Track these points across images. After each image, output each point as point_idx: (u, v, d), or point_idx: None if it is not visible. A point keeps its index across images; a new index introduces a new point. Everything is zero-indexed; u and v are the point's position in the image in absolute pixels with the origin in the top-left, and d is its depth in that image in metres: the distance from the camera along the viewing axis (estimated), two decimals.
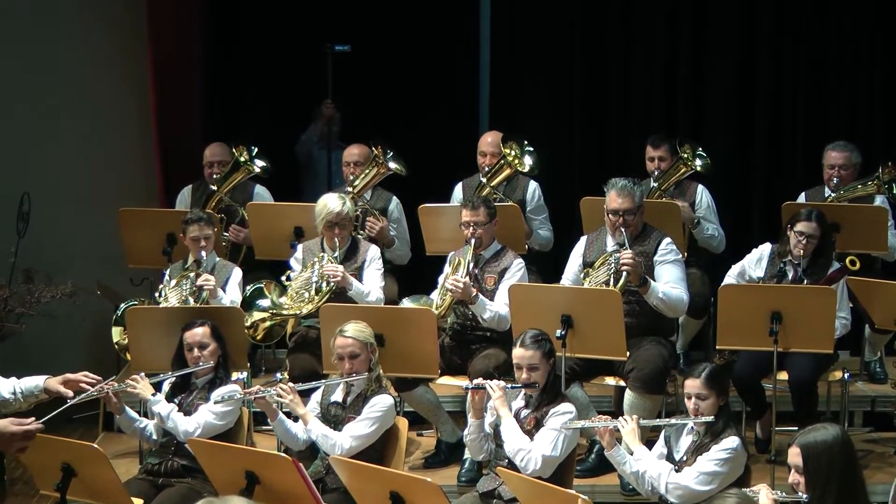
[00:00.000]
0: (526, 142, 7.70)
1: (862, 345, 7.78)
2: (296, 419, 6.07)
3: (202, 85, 8.91)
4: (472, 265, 6.87)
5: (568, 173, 8.95)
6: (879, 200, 7.58)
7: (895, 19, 8.73)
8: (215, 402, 6.03)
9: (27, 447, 4.63)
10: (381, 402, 5.97)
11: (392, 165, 7.67)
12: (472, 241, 6.85)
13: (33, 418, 4.66)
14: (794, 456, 4.51)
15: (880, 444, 7.18)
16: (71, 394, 5.10)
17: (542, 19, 9.00)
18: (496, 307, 6.75)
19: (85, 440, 5.99)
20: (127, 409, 6.20)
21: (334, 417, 6.02)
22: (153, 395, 6.08)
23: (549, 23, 8.99)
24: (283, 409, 6.10)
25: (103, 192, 8.61)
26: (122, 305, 7.14)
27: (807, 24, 8.79)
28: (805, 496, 4.46)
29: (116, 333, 7.15)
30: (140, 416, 6.30)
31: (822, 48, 8.82)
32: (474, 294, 6.72)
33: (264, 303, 6.98)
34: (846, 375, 6.84)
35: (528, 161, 7.64)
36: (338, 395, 6.09)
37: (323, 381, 6.21)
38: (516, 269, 6.87)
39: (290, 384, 6.04)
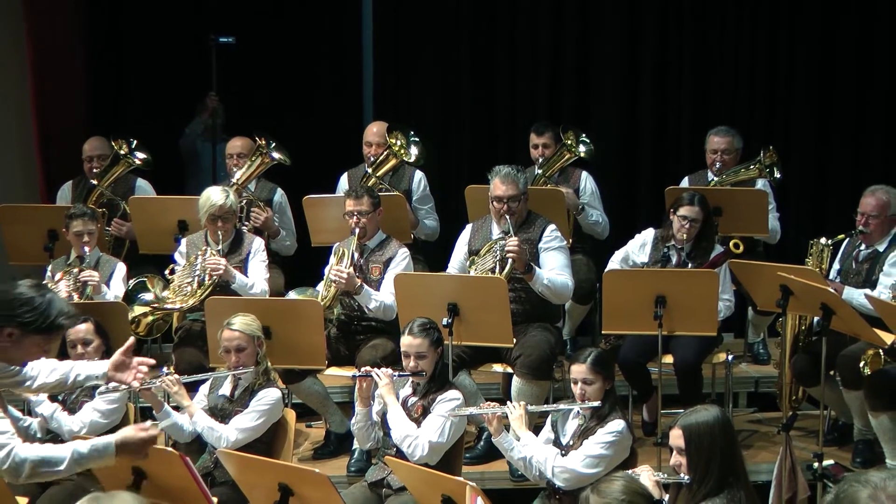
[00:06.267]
0: (412, 132, 7.69)
1: (745, 327, 7.93)
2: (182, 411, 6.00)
3: (83, 78, 8.75)
4: (356, 255, 6.85)
5: (453, 162, 8.98)
6: (761, 184, 7.70)
7: (776, 8, 8.89)
8: (100, 394, 5.94)
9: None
10: (269, 396, 5.93)
11: (275, 156, 7.62)
12: (356, 230, 6.83)
13: (150, 421, 4.71)
14: (676, 438, 4.55)
15: (764, 423, 7.30)
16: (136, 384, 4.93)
17: (427, 8, 9.00)
18: (381, 297, 6.74)
19: None
20: (10, 408, 6.04)
21: (221, 411, 5.97)
22: (36, 394, 5.95)
23: (434, 11, 9.00)
24: (170, 402, 6.03)
25: None
26: None
27: (690, 11, 8.89)
28: (686, 477, 4.51)
29: None
30: (24, 414, 6.16)
31: (706, 35, 8.94)
32: (359, 284, 6.69)
33: (147, 297, 6.90)
34: (730, 357, 6.92)
35: (413, 151, 7.64)
36: (225, 389, 6.04)
37: (209, 373, 6.15)
38: (401, 259, 6.86)
39: (176, 376, 5.97)
